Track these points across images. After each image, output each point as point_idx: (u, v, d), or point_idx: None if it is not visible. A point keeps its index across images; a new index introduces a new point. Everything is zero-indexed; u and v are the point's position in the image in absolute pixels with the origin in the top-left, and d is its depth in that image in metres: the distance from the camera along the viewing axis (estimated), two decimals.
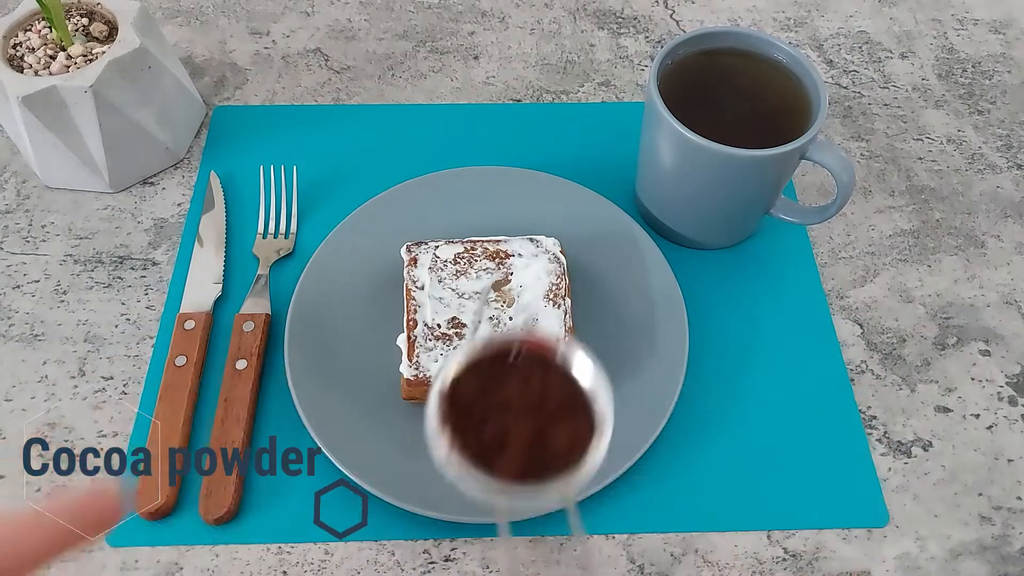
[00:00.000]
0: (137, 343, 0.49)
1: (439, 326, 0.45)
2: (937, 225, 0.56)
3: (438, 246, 0.48)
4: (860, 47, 0.66)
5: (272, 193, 0.55)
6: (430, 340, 0.45)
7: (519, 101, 0.62)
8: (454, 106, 0.61)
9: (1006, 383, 0.49)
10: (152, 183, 0.57)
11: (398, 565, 0.42)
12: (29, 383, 0.48)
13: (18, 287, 0.52)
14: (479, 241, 0.48)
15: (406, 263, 0.47)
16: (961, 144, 0.60)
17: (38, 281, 0.52)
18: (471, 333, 0.24)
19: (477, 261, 0.47)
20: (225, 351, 0.48)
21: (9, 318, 0.50)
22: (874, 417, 0.48)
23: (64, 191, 0.56)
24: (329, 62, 0.64)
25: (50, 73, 0.50)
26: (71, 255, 0.53)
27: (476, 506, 0.41)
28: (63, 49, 0.51)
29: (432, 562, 0.42)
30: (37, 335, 0.50)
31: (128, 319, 0.50)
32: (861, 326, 0.51)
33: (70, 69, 0.50)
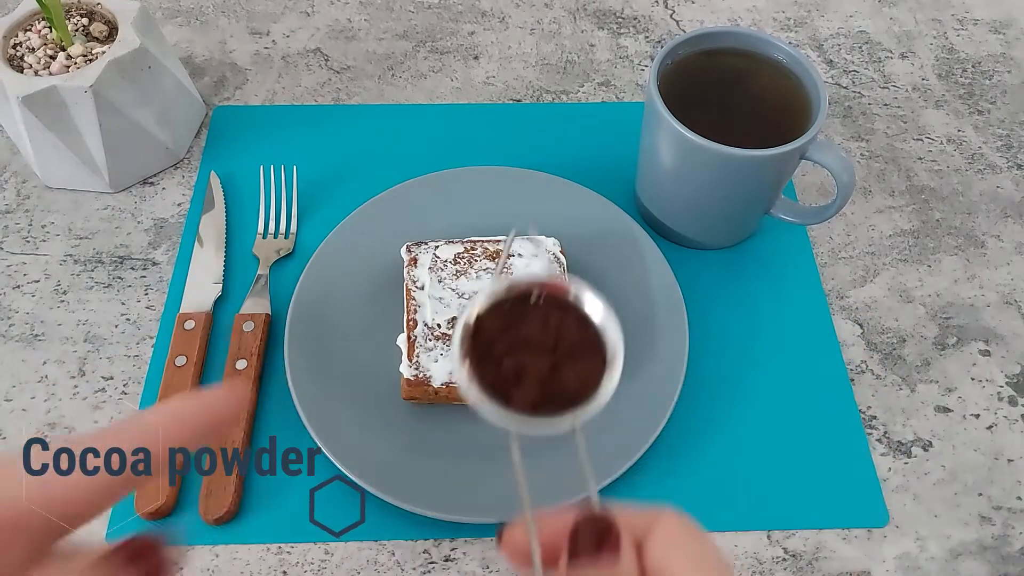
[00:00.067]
0: (137, 343, 0.49)
1: (439, 326, 0.45)
2: (937, 225, 0.56)
3: (438, 246, 0.48)
4: (860, 47, 0.66)
5: (272, 193, 0.55)
6: (430, 340, 0.45)
7: (519, 101, 0.62)
8: (454, 106, 0.61)
9: (1006, 383, 0.49)
10: (152, 183, 0.57)
11: (398, 565, 0.42)
12: (29, 383, 0.48)
13: (18, 287, 0.52)
14: (479, 241, 0.48)
15: (406, 263, 0.48)
16: (961, 144, 0.60)
17: (38, 281, 0.52)
18: (496, 275, 0.25)
19: (477, 261, 0.47)
20: (225, 351, 0.48)
21: (9, 318, 0.50)
22: (874, 417, 0.48)
23: (64, 191, 0.56)
24: (329, 62, 0.64)
25: (50, 73, 0.50)
26: (71, 255, 0.53)
27: (476, 506, 0.42)
28: (63, 49, 0.51)
29: (432, 562, 0.42)
30: (37, 335, 0.50)
31: (128, 319, 0.50)
32: (861, 326, 0.51)
33: (70, 69, 0.50)
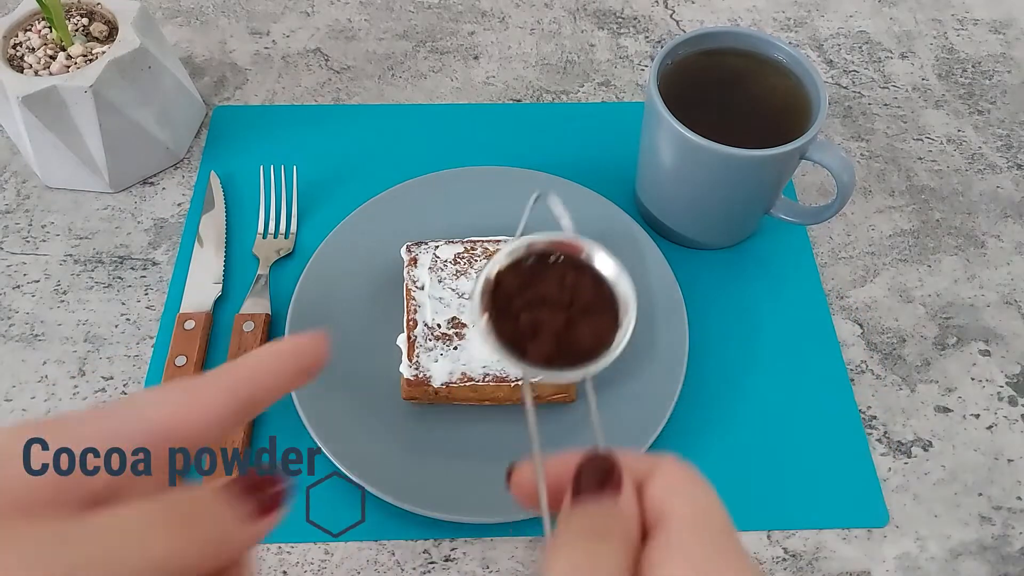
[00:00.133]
0: (137, 343, 0.49)
1: (439, 326, 0.45)
2: (937, 225, 0.56)
3: (438, 246, 0.48)
4: (860, 47, 0.66)
5: (272, 193, 0.55)
6: (430, 340, 0.45)
7: (519, 101, 0.62)
8: (454, 106, 0.61)
9: (1006, 383, 0.49)
10: (152, 183, 0.57)
11: (398, 565, 0.42)
12: (29, 383, 0.48)
13: (18, 287, 0.52)
14: (479, 241, 0.48)
15: (406, 263, 0.47)
16: (961, 144, 0.60)
17: (38, 281, 0.52)
18: (516, 236, 0.26)
19: (477, 261, 0.47)
20: (225, 351, 0.48)
21: (9, 318, 0.50)
22: (874, 417, 0.48)
23: (64, 191, 0.56)
24: (329, 62, 0.64)
25: (50, 73, 0.50)
26: (71, 255, 0.53)
27: (476, 506, 0.42)
28: (63, 49, 0.51)
29: (432, 562, 0.42)
30: (37, 335, 0.50)
31: (128, 319, 0.50)
32: (861, 326, 0.51)
33: (70, 69, 0.50)
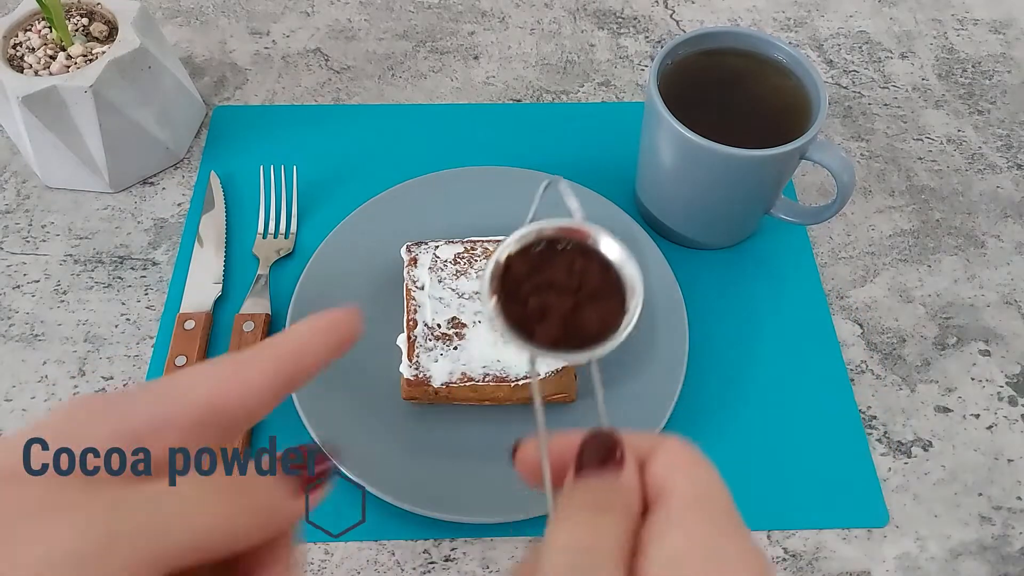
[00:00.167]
0: (137, 343, 0.49)
1: (439, 326, 0.45)
2: (937, 225, 0.56)
3: (438, 246, 0.48)
4: (860, 47, 0.66)
5: (272, 193, 0.55)
6: (430, 340, 0.45)
7: (519, 101, 0.62)
8: (454, 106, 0.61)
9: (1006, 383, 0.49)
10: (152, 183, 0.57)
11: (398, 565, 0.42)
12: (29, 383, 0.48)
13: (18, 287, 0.52)
14: (479, 241, 0.48)
15: (406, 263, 0.47)
16: (961, 144, 0.60)
17: (38, 281, 0.52)
18: (527, 222, 0.27)
19: (477, 261, 0.47)
20: (225, 351, 0.48)
21: (9, 318, 0.50)
22: (874, 417, 0.48)
23: (64, 191, 0.56)
24: (329, 62, 0.64)
25: (50, 73, 0.50)
26: (71, 255, 0.53)
27: (476, 506, 0.42)
28: (63, 49, 0.51)
29: (432, 562, 0.42)
30: (37, 335, 0.50)
31: (128, 319, 0.50)
32: (861, 326, 0.51)
33: (70, 69, 0.50)
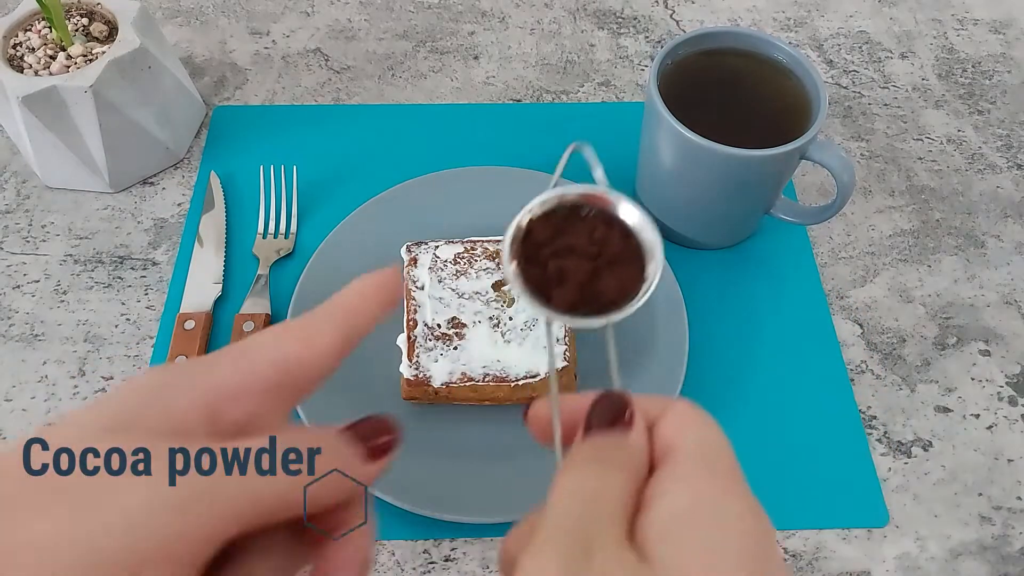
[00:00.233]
0: (137, 343, 0.49)
1: (439, 326, 0.45)
2: (937, 225, 0.56)
3: (438, 246, 0.48)
4: (860, 47, 0.66)
5: (272, 193, 0.55)
6: (430, 340, 0.45)
7: (519, 101, 0.62)
8: (454, 106, 0.61)
9: (1006, 383, 0.49)
10: (152, 183, 0.57)
11: (398, 565, 0.42)
12: (29, 383, 0.48)
13: (18, 287, 0.52)
14: (479, 241, 0.48)
15: (406, 263, 0.48)
16: (961, 144, 0.60)
17: (38, 281, 0.52)
18: (551, 187, 0.28)
19: (477, 261, 0.47)
20: None
21: (9, 318, 0.50)
22: (874, 417, 0.48)
23: (64, 191, 0.56)
24: (329, 62, 0.64)
25: (50, 73, 0.50)
26: (71, 255, 0.53)
27: (476, 506, 0.42)
28: (63, 49, 0.51)
29: (432, 562, 0.42)
30: (37, 335, 0.50)
31: (128, 319, 0.50)
32: (861, 326, 0.51)
33: (70, 69, 0.50)
